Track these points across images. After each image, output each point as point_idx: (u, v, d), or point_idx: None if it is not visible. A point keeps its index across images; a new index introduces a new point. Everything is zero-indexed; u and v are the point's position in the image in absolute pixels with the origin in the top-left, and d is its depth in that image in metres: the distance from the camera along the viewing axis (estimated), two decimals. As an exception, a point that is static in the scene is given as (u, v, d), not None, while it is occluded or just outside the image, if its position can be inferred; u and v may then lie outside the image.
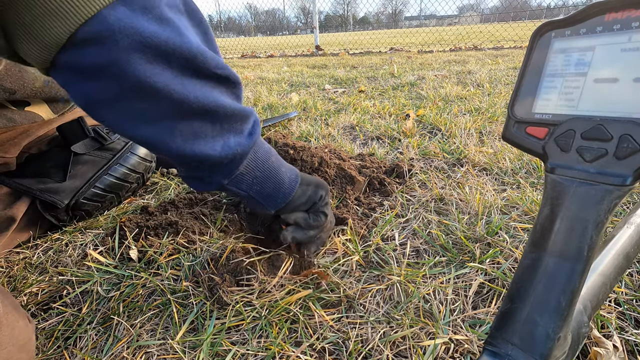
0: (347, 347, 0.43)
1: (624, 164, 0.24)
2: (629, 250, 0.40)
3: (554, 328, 0.25)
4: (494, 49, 4.43)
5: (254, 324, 0.47)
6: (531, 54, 0.30)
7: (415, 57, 3.79)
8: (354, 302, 0.49)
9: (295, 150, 0.76)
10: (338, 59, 4.11)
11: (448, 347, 0.42)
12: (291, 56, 5.20)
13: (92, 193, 0.71)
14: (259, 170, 0.42)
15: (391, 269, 0.54)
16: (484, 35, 5.78)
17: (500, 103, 1.51)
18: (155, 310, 0.51)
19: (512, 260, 0.54)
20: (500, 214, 0.67)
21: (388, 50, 5.17)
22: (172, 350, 0.44)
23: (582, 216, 0.25)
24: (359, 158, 0.95)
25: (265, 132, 1.28)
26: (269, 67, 3.61)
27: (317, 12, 5.47)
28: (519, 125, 0.30)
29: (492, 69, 2.51)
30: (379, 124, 1.31)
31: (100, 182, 0.72)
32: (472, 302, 0.49)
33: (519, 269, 0.29)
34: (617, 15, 0.25)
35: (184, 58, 0.31)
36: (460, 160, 0.94)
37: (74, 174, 0.70)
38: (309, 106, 1.68)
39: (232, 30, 29.32)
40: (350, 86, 2.25)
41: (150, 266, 0.59)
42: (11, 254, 0.66)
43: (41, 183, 0.67)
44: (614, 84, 0.25)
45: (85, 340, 0.47)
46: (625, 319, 0.45)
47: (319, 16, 12.25)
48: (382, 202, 0.75)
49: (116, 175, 0.74)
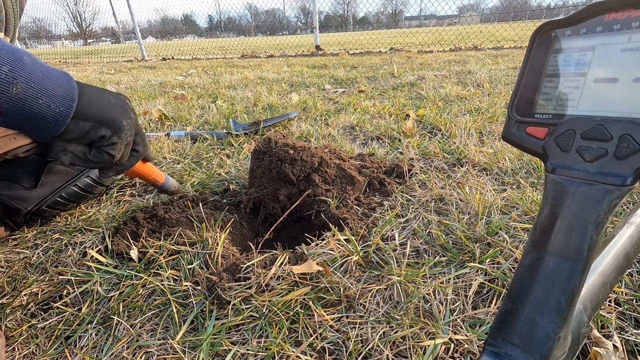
0: (347, 347, 0.43)
1: (624, 164, 0.24)
2: (629, 250, 0.40)
3: (554, 328, 0.25)
4: (494, 49, 4.43)
5: (254, 323, 0.47)
6: (531, 53, 0.30)
7: (415, 57, 3.79)
8: (354, 302, 0.49)
9: (295, 150, 0.76)
10: (338, 59, 4.11)
11: (448, 347, 0.42)
12: (291, 56, 5.20)
13: (54, 201, 0.72)
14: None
15: (391, 269, 0.54)
16: (484, 35, 5.78)
17: (500, 103, 1.51)
18: (155, 310, 0.51)
19: (512, 260, 0.54)
20: (500, 214, 0.67)
21: (388, 50, 5.17)
22: (172, 350, 0.44)
23: (582, 216, 0.25)
24: (359, 158, 0.95)
25: (265, 132, 1.28)
26: (269, 67, 3.61)
27: (317, 12, 5.47)
28: (519, 125, 0.30)
29: (492, 69, 2.51)
30: (379, 124, 1.31)
31: (65, 191, 0.73)
32: (472, 302, 0.49)
33: (519, 269, 0.29)
34: (617, 15, 0.25)
35: None
36: (460, 160, 0.94)
37: (44, 182, 0.70)
38: (309, 106, 1.68)
39: (232, 30, 29.28)
40: (350, 86, 2.25)
41: (150, 266, 0.59)
42: (11, 253, 0.66)
43: (9, 188, 0.67)
44: (613, 84, 0.25)
45: (86, 339, 0.47)
46: (625, 319, 0.45)
47: (319, 16, 12.26)
48: (382, 202, 0.75)
49: (81, 186, 0.75)
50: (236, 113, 1.62)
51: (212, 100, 1.98)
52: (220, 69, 3.67)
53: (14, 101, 0.37)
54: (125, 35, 23.01)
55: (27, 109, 0.39)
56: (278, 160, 0.76)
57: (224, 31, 27.42)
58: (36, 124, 0.41)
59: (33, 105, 0.39)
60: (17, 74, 0.37)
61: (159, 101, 2.00)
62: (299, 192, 0.74)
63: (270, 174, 0.77)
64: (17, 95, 0.37)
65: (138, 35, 6.63)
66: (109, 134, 0.48)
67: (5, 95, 0.36)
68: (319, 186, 0.74)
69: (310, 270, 0.53)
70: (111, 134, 0.49)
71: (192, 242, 0.63)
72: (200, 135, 1.26)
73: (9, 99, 0.37)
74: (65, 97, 0.42)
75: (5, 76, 0.36)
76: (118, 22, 7.63)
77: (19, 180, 0.68)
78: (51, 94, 0.40)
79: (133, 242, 0.63)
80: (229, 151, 1.14)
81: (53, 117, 0.41)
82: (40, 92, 0.39)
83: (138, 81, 3.04)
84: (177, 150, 1.16)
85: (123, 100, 0.51)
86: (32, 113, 0.39)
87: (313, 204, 0.73)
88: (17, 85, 0.37)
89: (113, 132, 0.49)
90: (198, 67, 4.14)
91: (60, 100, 0.42)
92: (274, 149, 0.78)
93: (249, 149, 1.12)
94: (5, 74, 0.36)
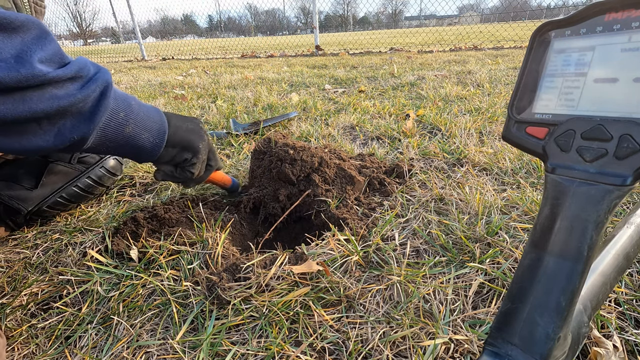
0: (347, 347, 0.43)
1: (624, 164, 0.24)
2: (629, 250, 0.40)
3: (554, 328, 0.25)
4: (494, 49, 4.43)
5: (254, 323, 0.47)
6: (531, 53, 0.30)
7: (415, 57, 3.79)
8: (354, 302, 0.49)
9: (295, 150, 0.76)
10: (338, 59, 4.11)
11: (448, 347, 0.42)
12: (291, 56, 5.20)
13: (55, 202, 0.72)
14: (110, 142, 0.46)
15: (391, 269, 0.54)
16: (484, 35, 5.78)
17: (500, 103, 1.51)
18: (155, 310, 0.51)
19: (512, 260, 0.54)
20: (500, 214, 0.67)
21: (388, 50, 5.17)
22: (172, 350, 0.44)
23: (582, 216, 0.25)
24: (359, 158, 0.95)
25: (265, 132, 1.28)
26: (269, 67, 3.61)
27: (317, 12, 5.47)
28: (519, 125, 0.30)
29: (492, 69, 2.51)
30: (379, 124, 1.31)
31: (66, 192, 0.73)
32: (472, 302, 0.49)
33: (519, 269, 0.29)
34: (617, 15, 0.25)
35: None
36: (460, 160, 0.94)
37: (45, 182, 0.71)
38: (309, 106, 1.68)
39: (232, 30, 29.29)
40: (350, 86, 2.25)
41: (150, 266, 0.59)
42: (11, 253, 0.66)
43: (10, 189, 0.67)
44: (613, 84, 0.25)
45: (86, 339, 0.47)
46: (625, 319, 0.45)
47: (319, 16, 12.26)
48: (382, 202, 0.75)
49: (81, 187, 0.76)
50: (236, 113, 1.62)
51: (212, 100, 1.98)
52: (220, 69, 3.67)
53: (127, 138, 0.48)
54: (125, 35, 23.01)
55: (135, 142, 0.49)
56: (278, 160, 0.76)
57: (224, 31, 27.43)
58: (140, 152, 0.51)
59: (138, 139, 0.50)
60: (129, 118, 0.47)
61: (159, 101, 2.01)
62: (299, 192, 0.74)
63: (270, 174, 0.77)
64: (129, 134, 0.48)
65: (138, 35, 6.63)
66: (189, 156, 0.59)
67: (122, 134, 0.47)
68: (319, 186, 0.74)
69: (310, 270, 0.53)
70: (192, 156, 0.59)
71: (192, 242, 0.63)
72: (200, 135, 1.26)
73: (123, 137, 0.47)
74: (160, 131, 0.53)
75: (122, 120, 0.46)
76: (118, 22, 7.63)
77: (20, 181, 0.69)
78: (150, 130, 0.51)
79: (133, 242, 0.63)
80: (229, 151, 1.14)
81: (151, 147, 0.52)
82: (143, 129, 0.50)
83: (138, 81, 3.04)
84: (177, 150, 1.16)
85: (198, 125, 0.61)
86: (137, 145, 0.50)
87: (313, 204, 0.73)
88: (129, 126, 0.48)
89: (193, 155, 0.59)
90: (198, 67, 4.14)
91: (156, 133, 0.52)
92: (274, 149, 0.78)
93: (249, 149, 1.12)
94: (122, 119, 0.46)
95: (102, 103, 0.43)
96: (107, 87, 0.43)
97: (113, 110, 0.45)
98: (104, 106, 0.43)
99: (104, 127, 0.44)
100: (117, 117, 0.46)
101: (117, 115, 0.46)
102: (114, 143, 0.47)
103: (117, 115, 0.46)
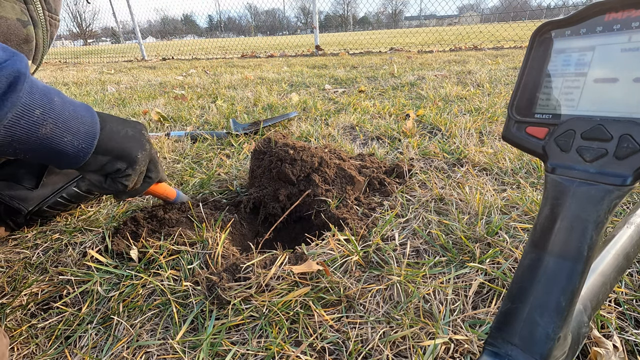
0: (347, 347, 0.43)
1: (624, 164, 0.24)
2: (629, 250, 0.40)
3: (554, 328, 0.25)
4: (494, 49, 4.43)
5: (254, 323, 0.47)
6: (531, 54, 0.30)
7: (415, 57, 3.79)
8: (354, 302, 0.49)
9: (295, 150, 0.76)
10: (338, 59, 4.11)
11: (448, 347, 0.42)
12: (291, 56, 5.20)
13: (55, 202, 0.72)
14: (19, 143, 0.40)
15: (391, 269, 0.54)
16: (484, 35, 5.78)
17: (500, 103, 1.51)
18: (155, 310, 0.51)
19: (512, 260, 0.54)
20: (500, 214, 0.67)
21: (388, 50, 5.17)
22: (172, 350, 0.44)
23: (582, 216, 0.25)
24: (359, 158, 0.95)
25: (265, 132, 1.28)
26: (269, 67, 3.61)
27: (317, 12, 5.47)
28: (519, 125, 0.30)
29: (492, 69, 2.51)
30: (379, 124, 1.31)
31: (66, 192, 0.73)
32: (472, 302, 0.49)
33: (519, 269, 0.29)
34: (617, 15, 0.25)
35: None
36: (460, 160, 0.94)
37: (46, 182, 0.71)
38: (309, 106, 1.68)
39: (232, 30, 29.29)
40: (350, 86, 2.25)
41: (150, 266, 0.59)
42: (11, 253, 0.66)
43: (11, 189, 0.67)
44: (613, 84, 0.25)
45: (86, 339, 0.47)
46: (625, 319, 0.45)
47: (319, 16, 12.26)
48: (382, 202, 0.75)
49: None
50: (236, 113, 1.62)
51: (212, 100, 1.98)
52: (220, 69, 3.67)
53: (42, 140, 0.41)
54: (125, 35, 23.01)
55: (53, 146, 0.42)
56: (278, 160, 0.76)
57: (224, 31, 27.42)
58: (59, 158, 0.44)
59: (58, 143, 0.42)
60: (47, 116, 0.40)
61: (159, 101, 2.01)
62: (299, 192, 0.74)
63: (270, 174, 0.77)
64: (45, 135, 0.41)
65: (138, 35, 6.63)
66: (124, 167, 0.52)
67: (35, 135, 0.40)
68: (319, 186, 0.74)
69: (310, 270, 0.53)
70: (126, 167, 0.52)
71: (192, 242, 0.63)
72: (200, 135, 1.26)
73: (37, 139, 0.40)
74: (88, 134, 0.45)
75: (37, 119, 0.39)
76: (118, 22, 7.63)
77: (21, 181, 0.69)
78: (75, 132, 0.44)
79: (133, 242, 0.63)
80: (229, 151, 1.14)
81: (75, 153, 0.45)
82: (65, 131, 0.43)
83: (138, 81, 3.04)
84: (177, 150, 1.16)
85: (140, 131, 0.54)
86: (56, 150, 0.43)
87: (313, 204, 0.73)
88: (46, 126, 0.41)
89: (128, 165, 0.52)
90: (198, 67, 4.14)
91: (83, 137, 0.45)
92: (274, 149, 0.78)
93: (249, 149, 1.12)
94: (37, 117, 0.39)
95: (8, 97, 0.36)
96: (17, 77, 0.36)
97: (25, 105, 0.38)
98: (11, 101, 0.36)
99: (10, 126, 0.37)
100: (30, 114, 0.39)
101: (31, 112, 0.39)
102: (24, 145, 0.40)
103: (30, 113, 0.39)
